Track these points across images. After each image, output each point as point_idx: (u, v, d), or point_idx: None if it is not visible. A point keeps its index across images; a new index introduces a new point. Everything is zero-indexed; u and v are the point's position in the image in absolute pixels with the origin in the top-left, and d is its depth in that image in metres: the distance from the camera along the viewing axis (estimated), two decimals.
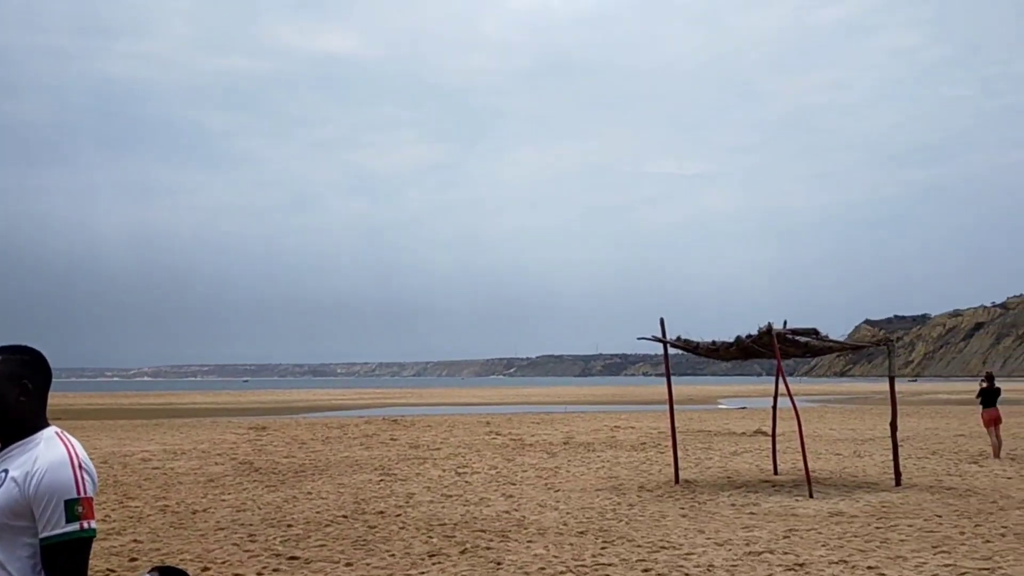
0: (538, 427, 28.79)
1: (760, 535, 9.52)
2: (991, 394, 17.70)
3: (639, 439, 23.17)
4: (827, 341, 13.37)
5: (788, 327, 12.87)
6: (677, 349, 14.70)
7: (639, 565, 8.14)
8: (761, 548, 8.80)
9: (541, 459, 18.07)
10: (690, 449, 19.57)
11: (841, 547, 8.82)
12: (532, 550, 8.89)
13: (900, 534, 9.49)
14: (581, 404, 56.08)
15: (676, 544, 9.08)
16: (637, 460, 17.70)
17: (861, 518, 10.58)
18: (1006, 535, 9.32)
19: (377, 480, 14.74)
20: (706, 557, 8.42)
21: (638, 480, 14.46)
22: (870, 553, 8.51)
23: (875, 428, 27.33)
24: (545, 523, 10.45)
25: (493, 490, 13.41)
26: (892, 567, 7.89)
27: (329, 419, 35.49)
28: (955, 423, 30.02)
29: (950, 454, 18.39)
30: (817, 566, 7.98)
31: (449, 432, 26.38)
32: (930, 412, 38.87)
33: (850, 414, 38.33)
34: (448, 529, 10.11)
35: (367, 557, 8.67)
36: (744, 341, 12.93)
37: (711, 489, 13.30)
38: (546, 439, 23.42)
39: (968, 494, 12.40)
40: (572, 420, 33.24)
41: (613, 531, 9.88)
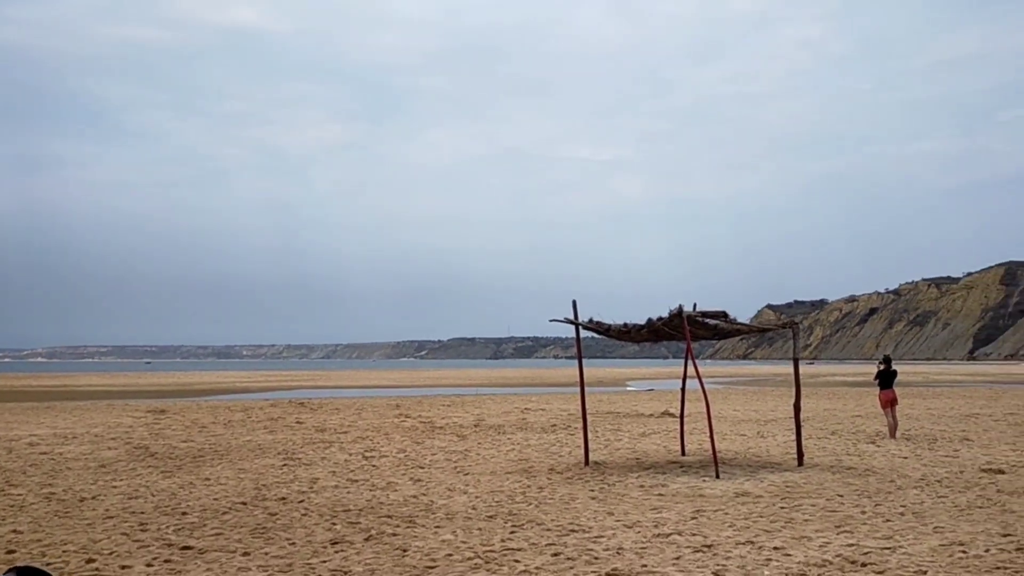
0: (449, 410, 28.56)
1: (669, 516, 9.51)
2: (888, 376, 18.30)
3: (549, 421, 23.19)
4: (736, 324, 13.51)
5: (698, 310, 12.94)
6: (588, 332, 14.63)
7: (548, 549, 7.99)
8: (670, 530, 8.78)
9: (451, 442, 17.85)
10: (600, 431, 19.65)
11: (747, 527, 8.87)
12: (440, 536, 8.65)
13: (804, 514, 9.62)
14: (492, 386, 56.13)
15: (586, 527, 8.98)
16: (547, 442, 17.66)
17: (766, 498, 10.71)
18: (904, 514, 9.55)
19: (280, 465, 14.26)
20: (615, 540, 8.34)
21: (548, 462, 14.39)
22: (776, 533, 8.57)
23: (776, 409, 28.10)
24: (454, 507, 10.23)
25: (401, 474, 13.12)
26: (797, 547, 7.96)
27: (232, 402, 34.44)
28: (852, 404, 31.14)
29: (848, 434, 18.96)
30: (724, 547, 7.99)
31: (357, 415, 25.90)
32: (828, 394, 40.29)
33: (752, 396, 39.37)
34: (353, 515, 9.79)
35: (266, 546, 8.28)
36: (655, 323, 12.95)
37: (620, 471, 13.31)
38: (456, 422, 23.21)
39: (867, 473, 12.74)
40: (483, 402, 33.14)
41: (523, 515, 9.73)
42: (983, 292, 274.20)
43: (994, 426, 21.10)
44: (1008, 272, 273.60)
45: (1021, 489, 11.12)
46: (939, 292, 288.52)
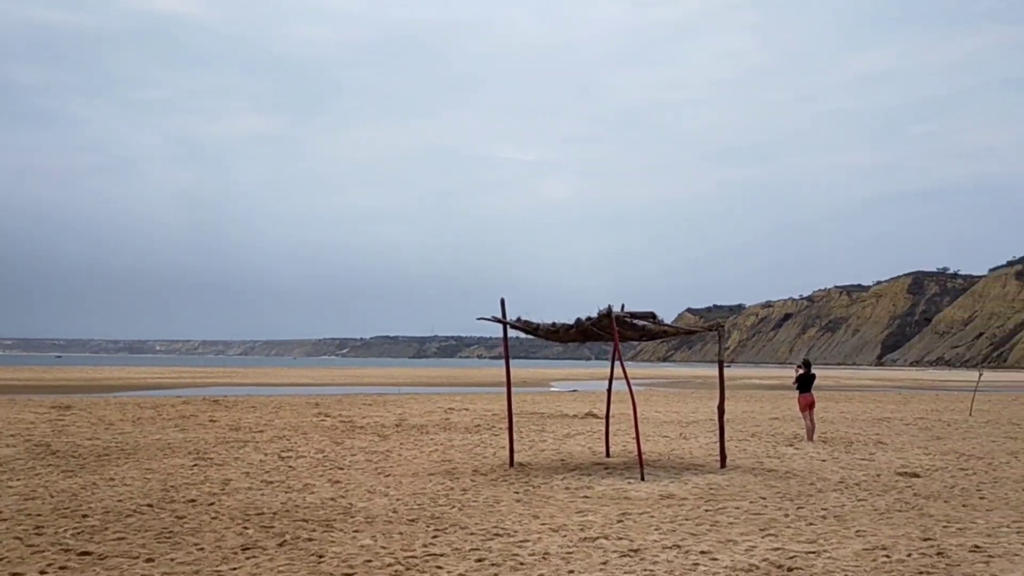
0: (370, 409, 28.02)
1: (595, 520, 9.35)
2: (807, 380, 18.60)
3: (473, 421, 22.92)
4: (663, 325, 13.49)
5: (626, 311, 12.84)
6: (514, 332, 14.41)
7: (472, 555, 7.72)
8: (596, 533, 8.61)
9: (372, 442, 17.41)
10: (524, 432, 19.47)
11: (674, 531, 8.77)
12: (359, 540, 8.29)
13: (729, 517, 9.58)
14: (415, 386, 55.55)
15: (511, 531, 8.74)
16: (471, 443, 17.39)
17: (691, 500, 10.65)
18: (827, 517, 9.59)
19: (190, 465, 13.63)
20: (541, 544, 8.13)
21: (472, 464, 14.12)
22: (702, 537, 8.48)
23: (697, 411, 28.41)
24: (374, 511, 9.87)
25: (319, 475, 12.66)
26: (724, 551, 7.87)
27: (143, 399, 33.15)
28: (768, 407, 31.73)
29: (768, 436, 19.21)
30: (651, 551, 7.85)
31: (274, 414, 25.17)
32: (746, 396, 41.03)
33: (674, 397, 39.83)
34: (266, 519, 9.33)
35: (171, 551, 7.79)
36: (584, 324, 12.81)
37: (545, 472, 13.12)
38: (378, 421, 22.74)
39: (788, 476, 12.84)
40: (405, 402, 32.66)
41: (446, 518, 9.44)
42: (891, 300, 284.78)
43: (905, 430, 21.69)
44: (915, 282, 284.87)
45: (936, 493, 11.33)
46: (850, 299, 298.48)
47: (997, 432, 21.23)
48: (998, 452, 16.38)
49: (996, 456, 15.70)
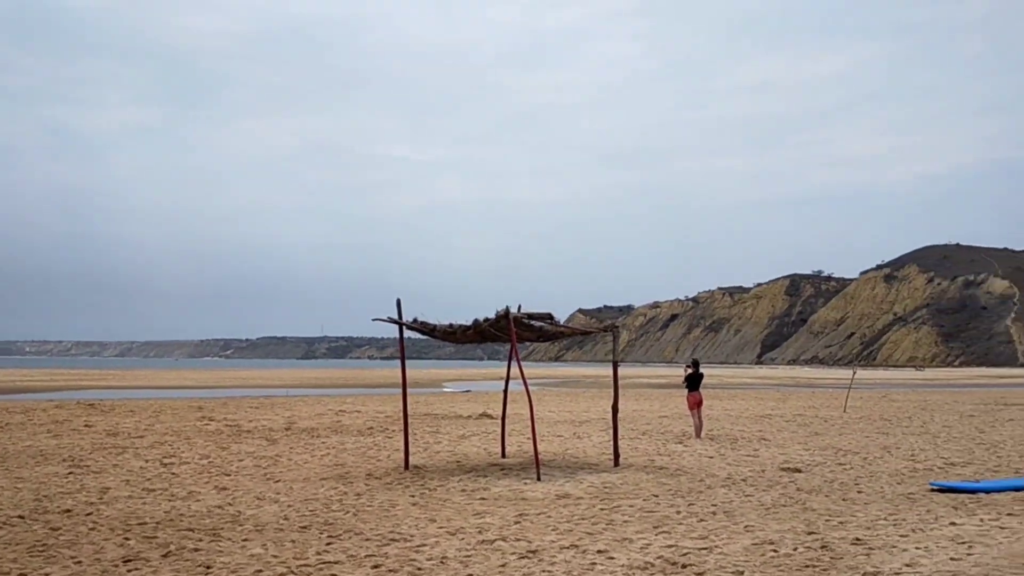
0: (257, 412, 27.22)
1: (492, 521, 9.31)
2: (696, 379, 19.12)
3: (366, 424, 22.57)
4: (560, 326, 13.59)
5: (523, 311, 12.87)
6: (408, 332, 14.25)
7: (368, 561, 7.55)
8: (494, 535, 8.56)
9: (260, 447, 16.90)
10: (418, 433, 19.28)
11: (571, 531, 8.81)
12: (248, 549, 7.99)
13: (623, 515, 9.71)
14: (304, 387, 54.38)
15: (407, 535, 8.60)
16: (364, 446, 17.10)
17: (586, 500, 10.75)
18: (716, 513, 9.84)
19: (65, 473, 12.89)
20: (439, 548, 8.02)
21: (366, 467, 13.86)
22: (598, 536, 8.56)
23: (590, 410, 28.82)
24: (263, 518, 9.54)
25: (204, 482, 12.18)
26: (620, 550, 7.95)
27: (11, 403, 31.22)
28: (657, 405, 32.50)
29: (658, 434, 19.64)
30: (549, 552, 7.86)
31: (155, 418, 24.14)
32: (635, 395, 41.89)
33: (566, 397, 40.30)
34: (149, 529, 8.89)
35: (46, 565, 7.32)
36: (482, 324, 12.77)
37: (441, 474, 13.01)
38: (266, 425, 22.11)
39: (679, 473, 13.13)
40: (294, 404, 31.90)
41: (340, 524, 9.21)
42: (770, 301, 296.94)
43: (786, 426, 22.57)
44: (792, 284, 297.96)
45: (818, 487, 11.80)
46: (732, 300, 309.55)
47: (870, 428, 22.34)
48: (872, 447, 17.22)
49: (871, 451, 16.50)
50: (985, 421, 25.26)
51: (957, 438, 19.43)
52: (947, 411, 30.53)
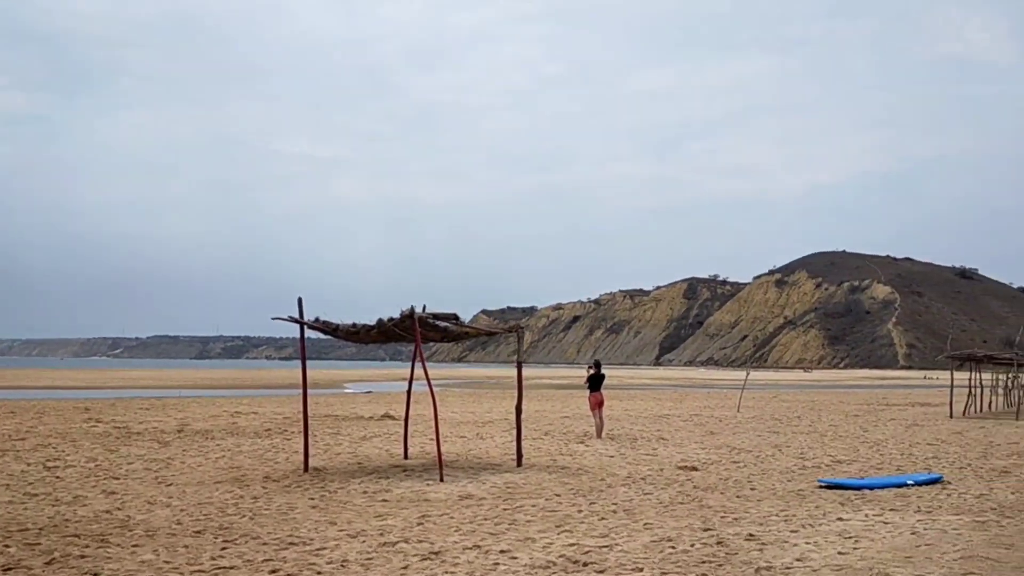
0: (148, 413, 26.23)
1: (394, 524, 9.21)
2: (597, 380, 19.39)
3: (263, 425, 22.03)
4: (465, 327, 13.56)
5: (428, 312, 12.78)
6: (311, 332, 13.98)
7: (265, 566, 7.35)
8: (396, 538, 8.47)
9: (151, 449, 16.29)
10: (318, 435, 18.94)
11: (473, 531, 8.80)
12: (139, 556, 7.67)
13: (526, 515, 9.75)
14: (198, 388, 52.73)
15: (307, 539, 8.42)
16: (262, 448, 16.68)
17: (489, 500, 10.76)
18: (617, 511, 10.00)
19: None
20: (339, 551, 7.88)
21: (263, 470, 13.52)
22: (501, 536, 8.57)
23: (492, 411, 28.92)
24: (155, 523, 9.18)
25: (91, 486, 11.65)
26: (523, 549, 7.98)
27: None
28: (559, 405, 32.84)
29: (560, 435, 19.84)
30: (452, 553, 7.83)
31: (38, 419, 22.96)
32: (537, 395, 42.23)
33: (469, 398, 40.29)
34: (31, 535, 8.43)
35: None
36: (386, 324, 12.63)
37: (342, 476, 12.80)
38: (157, 427, 21.33)
39: (580, 472, 13.29)
40: (187, 405, 30.89)
41: (236, 528, 8.94)
42: (669, 304, 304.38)
43: (683, 426, 23.14)
44: (690, 287, 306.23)
45: (713, 485, 12.14)
46: (632, 303, 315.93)
47: (762, 427, 23.13)
48: (764, 446, 17.83)
49: (763, 449, 17.07)
50: (868, 420, 26.51)
51: (843, 437, 20.31)
52: (833, 411, 31.91)
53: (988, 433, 21.70)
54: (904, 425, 24.48)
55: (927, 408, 34.40)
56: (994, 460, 15.58)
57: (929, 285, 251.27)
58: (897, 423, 25.37)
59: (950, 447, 17.92)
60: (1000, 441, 19.41)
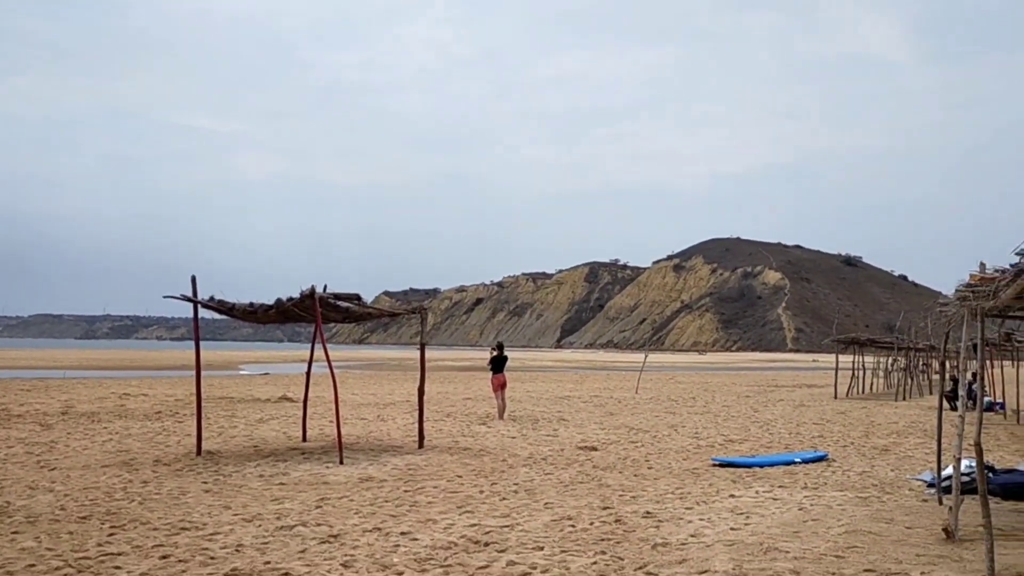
0: (29, 395, 24.96)
1: (292, 507, 9.02)
2: (500, 362, 19.46)
3: (153, 407, 21.27)
4: (367, 307, 13.35)
5: (329, 292, 12.52)
6: (204, 311, 13.53)
7: (156, 552, 7.09)
8: (293, 521, 8.30)
9: (33, 432, 15.50)
10: (212, 418, 18.40)
11: (374, 514, 8.70)
12: (19, 543, 7.28)
13: (427, 496, 9.71)
14: (84, 369, 50.53)
15: (199, 524, 8.15)
16: (152, 431, 16.09)
17: (390, 482, 10.66)
18: (518, 491, 10.06)
19: None
20: (234, 536, 7.66)
21: (153, 453, 13.04)
22: (402, 518, 8.50)
23: (394, 393, 28.70)
24: (37, 508, 8.74)
25: None
26: (424, 531, 7.94)
27: None
28: (462, 387, 32.87)
29: (462, 416, 19.84)
30: (352, 536, 7.72)
31: None
32: (440, 378, 42.14)
33: (370, 379, 39.90)
34: None
35: None
36: (285, 304, 12.30)
37: (237, 460, 12.47)
38: (40, 409, 20.32)
39: (482, 454, 13.32)
40: (72, 387, 29.56)
41: (124, 513, 8.59)
42: (570, 288, 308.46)
43: (583, 407, 23.48)
44: (591, 271, 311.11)
45: (612, 465, 12.35)
46: (535, 286, 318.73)
47: (659, 408, 23.69)
48: (661, 426, 18.26)
49: (660, 429, 17.48)
50: (759, 401, 27.49)
51: (735, 417, 20.99)
52: (726, 392, 32.96)
53: (870, 413, 22.79)
54: (792, 406, 25.48)
55: (813, 389, 35.91)
56: (875, 439, 16.37)
57: (817, 272, 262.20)
58: (785, 404, 26.39)
59: (834, 427, 18.74)
60: (881, 421, 20.42)
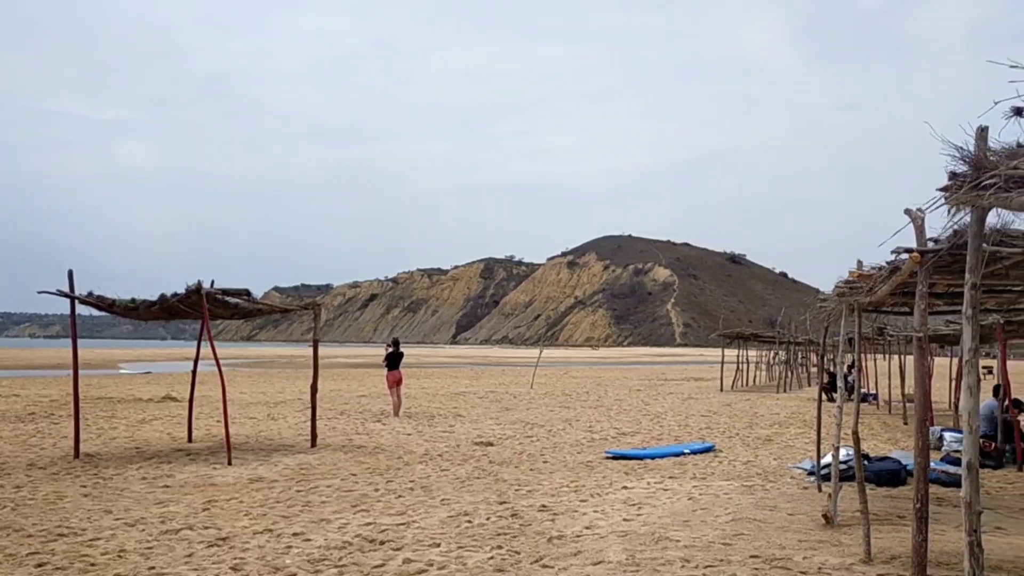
0: None
1: (177, 510, 8.69)
2: (395, 358, 19.28)
3: (26, 409, 20.14)
4: (257, 303, 12.97)
5: (217, 287, 12.11)
6: (83, 307, 12.88)
7: (31, 560, 6.70)
8: (179, 524, 8.00)
9: None
10: (91, 419, 17.55)
11: (264, 515, 8.47)
12: None
13: (321, 496, 9.52)
14: None
15: (78, 529, 7.76)
16: (25, 433, 15.23)
17: (281, 482, 10.41)
18: (414, 488, 9.98)
19: None
20: (116, 541, 7.32)
21: (27, 457, 12.34)
22: (294, 518, 8.31)
23: (285, 391, 28.08)
24: None
25: None
26: (317, 531, 7.78)
27: None
28: (355, 384, 32.44)
29: (356, 414, 19.57)
30: (241, 538, 7.49)
31: None
32: (332, 375, 41.51)
33: (260, 377, 38.93)
34: None
35: None
36: (170, 300, 11.82)
37: (118, 462, 11.92)
38: None
39: (377, 451, 13.16)
40: None
41: None
42: (466, 284, 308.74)
43: (479, 403, 23.54)
44: (487, 267, 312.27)
45: (508, 459, 12.41)
46: (431, 282, 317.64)
47: (553, 402, 23.97)
48: (556, 420, 18.48)
49: (554, 424, 17.69)
50: (650, 395, 28.18)
51: (627, 410, 21.44)
52: (619, 386, 33.66)
53: (753, 405, 23.69)
54: (681, 399, 26.22)
55: (701, 383, 37.06)
56: (759, 429, 17.01)
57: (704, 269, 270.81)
58: (675, 397, 27.13)
59: (721, 418, 19.38)
60: (764, 412, 21.24)
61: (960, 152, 3.52)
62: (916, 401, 5.06)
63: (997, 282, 6.05)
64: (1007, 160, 3.25)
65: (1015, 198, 3.13)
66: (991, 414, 12.77)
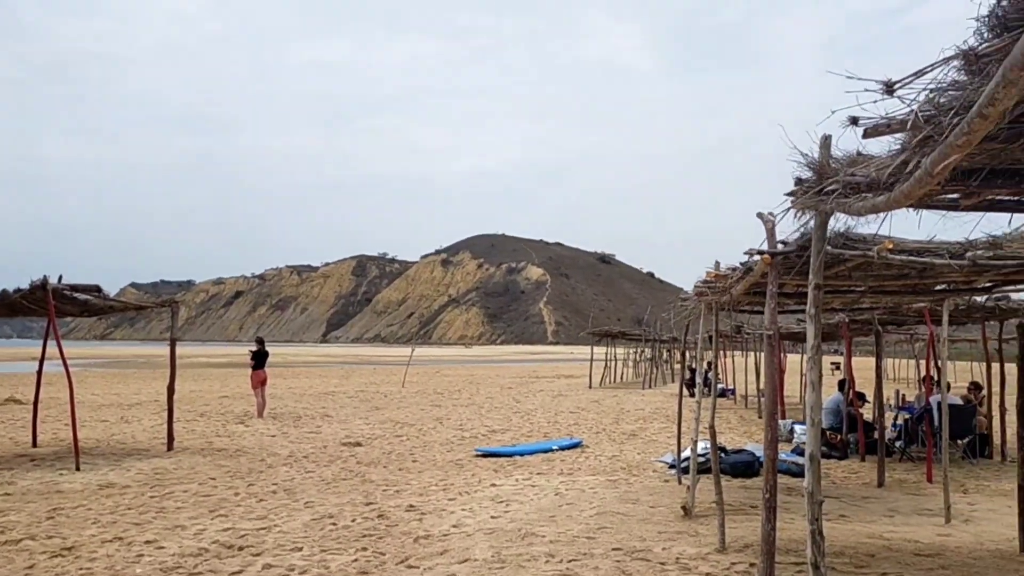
0: None
1: (18, 519, 8.12)
2: (261, 357, 18.71)
3: None
4: (110, 300, 12.27)
5: (65, 283, 11.39)
6: None
7: None
8: (20, 535, 7.48)
9: None
10: None
11: (115, 523, 8.04)
12: None
13: (177, 501, 9.12)
14: None
15: None
16: None
17: (134, 488, 9.91)
18: (277, 492, 9.70)
19: None
20: None
21: None
22: (146, 525, 7.92)
23: (140, 392, 26.80)
24: None
25: None
26: (171, 538, 7.44)
27: None
28: (218, 385, 31.32)
29: (217, 415, 18.87)
30: (88, 547, 7.08)
31: None
32: (194, 375, 39.95)
33: (114, 378, 37.02)
34: None
35: None
36: (12, 296, 11.03)
37: None
38: None
39: (239, 454, 12.72)
40: None
41: None
42: (337, 281, 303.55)
43: (348, 403, 23.16)
44: (359, 264, 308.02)
45: (376, 459, 12.25)
46: (300, 279, 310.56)
47: (425, 401, 23.86)
48: (426, 419, 18.39)
49: (425, 422, 17.60)
50: (521, 392, 28.48)
51: (498, 408, 21.58)
52: (490, 384, 33.87)
53: (620, 401, 24.31)
54: (551, 396, 26.62)
55: (571, 380, 37.75)
56: (624, 425, 17.46)
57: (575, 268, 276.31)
58: (545, 394, 27.52)
59: (589, 414, 19.79)
60: (630, 408, 21.83)
61: (806, 159, 3.69)
62: (766, 396, 5.29)
63: (842, 283, 6.40)
64: (847, 167, 3.43)
65: (853, 203, 3.31)
66: (837, 407, 13.56)
